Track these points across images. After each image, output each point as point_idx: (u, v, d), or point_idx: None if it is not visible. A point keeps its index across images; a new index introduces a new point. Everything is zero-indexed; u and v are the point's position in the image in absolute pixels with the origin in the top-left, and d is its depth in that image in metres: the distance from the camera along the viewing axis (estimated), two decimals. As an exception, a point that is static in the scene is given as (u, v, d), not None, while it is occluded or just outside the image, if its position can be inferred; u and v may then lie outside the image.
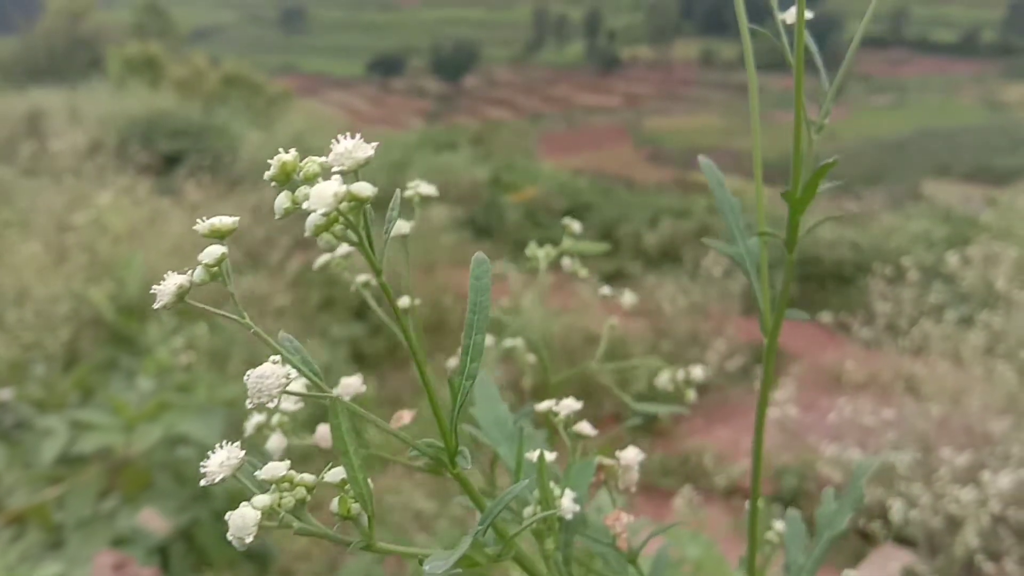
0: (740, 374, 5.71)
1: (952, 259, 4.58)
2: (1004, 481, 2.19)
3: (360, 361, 5.58)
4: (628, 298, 1.26)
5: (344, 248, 0.67)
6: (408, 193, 0.93)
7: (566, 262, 1.23)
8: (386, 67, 44.47)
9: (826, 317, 6.74)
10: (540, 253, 1.24)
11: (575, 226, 1.25)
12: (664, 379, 1.22)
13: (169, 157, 8.34)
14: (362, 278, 0.93)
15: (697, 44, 43.67)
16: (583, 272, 1.20)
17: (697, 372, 1.17)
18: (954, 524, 2.37)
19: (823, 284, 6.99)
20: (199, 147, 8.30)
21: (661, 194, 12.60)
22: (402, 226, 0.61)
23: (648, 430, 5.06)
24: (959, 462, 2.43)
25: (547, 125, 32.81)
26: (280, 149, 0.53)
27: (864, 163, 26.51)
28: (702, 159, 0.83)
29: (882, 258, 6.83)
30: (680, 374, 1.22)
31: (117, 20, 24.69)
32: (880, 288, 6.61)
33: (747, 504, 0.81)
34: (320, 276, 6.25)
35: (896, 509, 2.43)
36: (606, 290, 1.30)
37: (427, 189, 0.93)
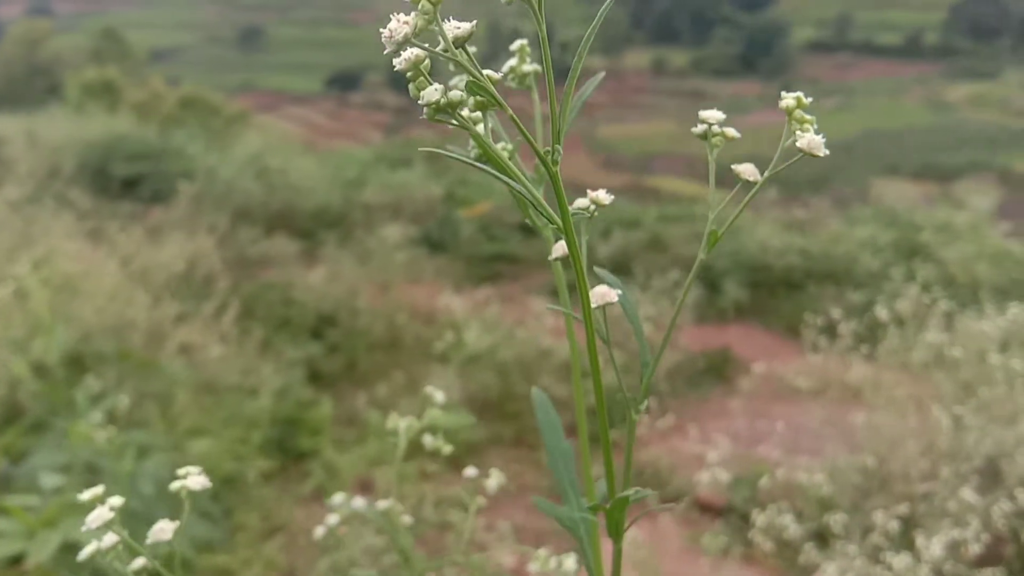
0: (694, 384, 5.82)
1: (881, 312, 4.74)
2: (936, 548, 2.26)
3: (317, 380, 5.60)
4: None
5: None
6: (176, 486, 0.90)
7: (428, 439, 1.10)
8: (344, 82, 44.40)
9: (777, 324, 6.90)
10: (401, 427, 1.10)
11: (438, 396, 1.12)
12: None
13: (127, 181, 8.31)
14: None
15: (648, 53, 44.15)
16: (447, 449, 1.09)
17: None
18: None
19: (773, 291, 7.14)
20: (157, 170, 8.27)
21: (614, 202, 12.71)
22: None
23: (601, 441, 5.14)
24: (891, 526, 2.48)
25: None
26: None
27: (814, 165, 26.88)
28: (535, 392, 0.80)
29: (830, 264, 7.01)
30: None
31: (75, 46, 24.37)
32: (830, 294, 6.78)
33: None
34: (275, 296, 6.27)
35: (829, 573, 2.47)
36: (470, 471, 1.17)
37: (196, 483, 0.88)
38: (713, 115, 0.68)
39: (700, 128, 0.70)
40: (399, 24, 0.55)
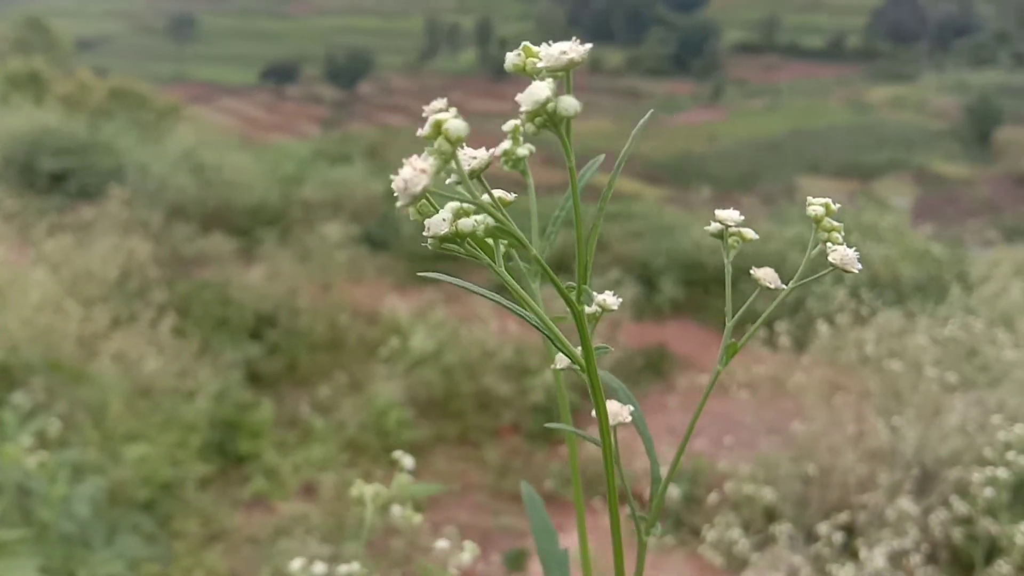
0: (632, 380, 5.91)
1: (812, 310, 4.88)
2: (879, 559, 2.32)
3: (257, 382, 5.51)
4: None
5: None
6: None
7: (396, 509, 1.06)
8: (280, 74, 43.69)
9: (712, 320, 7.05)
10: (367, 493, 1.06)
11: (407, 461, 1.07)
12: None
13: (54, 176, 8.02)
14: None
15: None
16: (417, 519, 1.04)
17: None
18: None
19: (707, 288, 7.29)
20: (85, 165, 8.00)
21: (554, 198, 12.80)
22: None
23: (545, 438, 5.18)
24: (836, 538, 2.54)
25: (439, 131, 32.70)
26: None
27: (742, 163, 27.56)
28: (525, 488, 0.77)
29: (761, 262, 7.18)
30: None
31: (-2, 36, 23.42)
32: (761, 291, 6.95)
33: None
34: (212, 295, 6.14)
35: None
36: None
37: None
38: (730, 215, 0.66)
39: (715, 227, 0.68)
40: (415, 173, 0.48)
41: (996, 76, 37.09)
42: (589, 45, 0.51)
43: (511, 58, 0.55)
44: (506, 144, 0.71)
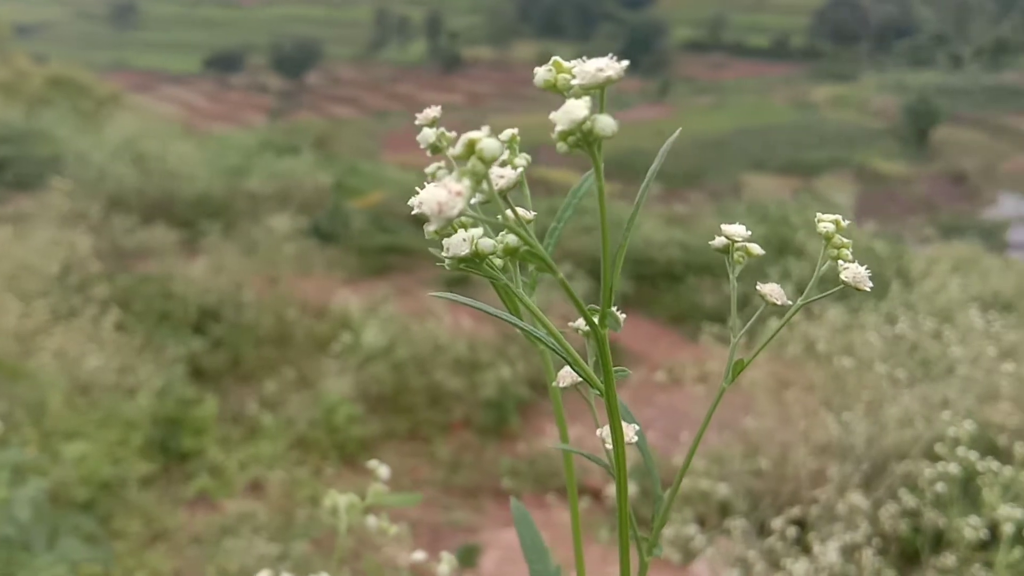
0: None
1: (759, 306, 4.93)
2: (832, 554, 2.35)
3: (200, 378, 5.39)
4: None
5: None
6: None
7: (371, 520, 1.03)
8: (225, 63, 42.94)
9: (660, 314, 7.10)
10: (342, 504, 1.03)
11: (383, 471, 1.05)
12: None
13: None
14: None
15: (535, 46, 44.55)
16: (393, 531, 1.02)
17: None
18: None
19: (656, 283, 7.35)
20: (22, 154, 7.73)
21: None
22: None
23: (496, 433, 5.16)
24: (789, 532, 2.57)
25: (392, 122, 32.61)
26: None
27: (690, 160, 27.88)
28: (514, 504, 0.75)
29: (708, 258, 7.27)
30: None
31: (-70, 20, 22.54)
32: (708, 286, 7.04)
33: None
34: (154, 289, 5.99)
35: None
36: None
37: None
38: (737, 231, 0.65)
39: (720, 242, 0.66)
40: (450, 195, 0.44)
41: (934, 77, 38.11)
42: (625, 63, 0.49)
43: (542, 74, 0.53)
44: (503, 156, 0.68)
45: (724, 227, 0.66)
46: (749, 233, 0.65)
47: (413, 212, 0.60)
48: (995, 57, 40.29)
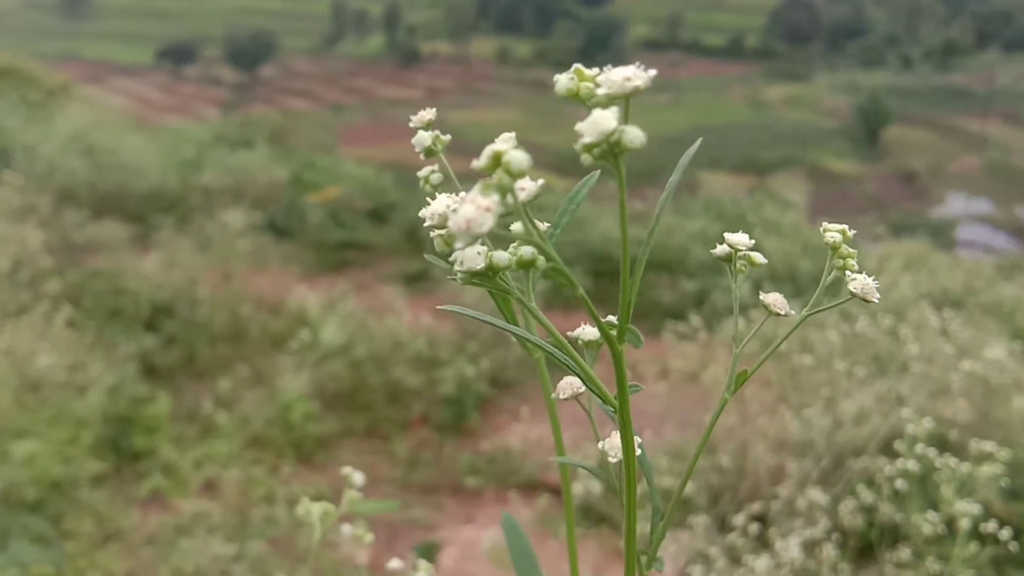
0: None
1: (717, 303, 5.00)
2: (794, 550, 2.38)
3: (153, 375, 5.30)
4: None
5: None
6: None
7: (346, 529, 1.00)
8: (178, 55, 42.24)
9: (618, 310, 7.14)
10: (315, 511, 1.00)
11: (357, 477, 1.03)
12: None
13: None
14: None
15: (494, 42, 44.51)
16: (368, 538, 1.01)
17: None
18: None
19: (614, 280, 7.36)
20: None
21: (465, 188, 12.75)
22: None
23: (456, 430, 5.15)
24: (751, 529, 2.59)
25: (349, 116, 32.33)
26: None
27: (647, 157, 27.98)
28: (505, 517, 0.73)
29: (666, 255, 7.33)
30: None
31: None
32: (666, 283, 7.10)
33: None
34: (105, 285, 5.86)
35: None
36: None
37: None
38: (740, 239, 0.65)
39: (722, 251, 0.66)
40: (480, 211, 0.42)
41: (885, 77, 38.88)
42: (653, 71, 0.47)
43: (563, 81, 0.50)
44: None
45: (727, 236, 0.66)
46: (752, 242, 0.65)
47: (425, 224, 0.59)
48: (944, 59, 41.23)
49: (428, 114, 0.69)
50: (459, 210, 0.42)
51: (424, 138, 0.69)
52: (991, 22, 42.89)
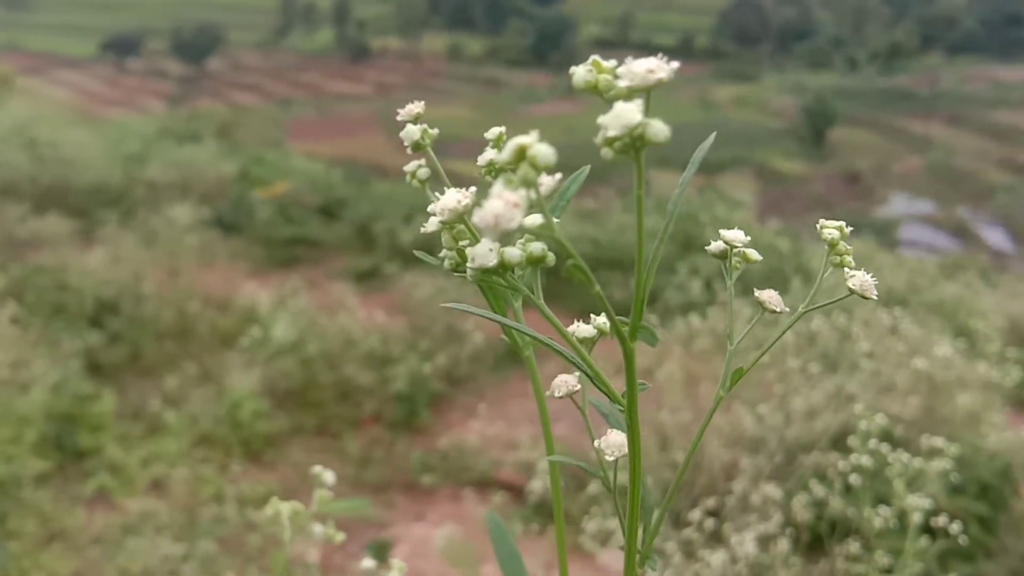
0: (494, 368, 5.94)
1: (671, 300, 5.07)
2: (749, 545, 2.42)
3: (98, 372, 5.19)
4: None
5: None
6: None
7: (318, 528, 0.99)
8: (122, 47, 41.38)
9: (572, 307, 7.20)
10: (284, 511, 0.98)
11: (328, 476, 1.02)
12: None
13: None
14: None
15: (445, 38, 44.37)
16: (339, 538, 0.99)
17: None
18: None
19: (565, 279, 7.42)
20: None
21: (409, 186, 12.70)
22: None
23: (408, 427, 5.13)
24: (707, 524, 2.63)
25: (297, 111, 31.96)
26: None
27: (598, 155, 28.23)
28: (490, 517, 0.72)
29: (618, 253, 7.39)
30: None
31: None
32: (618, 281, 7.15)
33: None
34: (49, 280, 5.72)
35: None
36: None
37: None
38: (736, 236, 0.64)
39: (718, 247, 0.65)
40: (508, 207, 0.41)
41: (831, 79, 39.67)
42: (676, 64, 0.46)
43: (581, 73, 0.49)
44: (490, 153, 0.67)
45: (723, 232, 0.65)
46: (748, 239, 0.64)
47: (433, 219, 0.58)
48: (889, 61, 42.19)
49: (416, 107, 0.68)
50: (486, 205, 0.41)
51: (413, 132, 0.68)
52: (935, 26, 44.03)
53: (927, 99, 36.65)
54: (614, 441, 0.62)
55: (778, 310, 0.64)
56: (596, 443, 0.62)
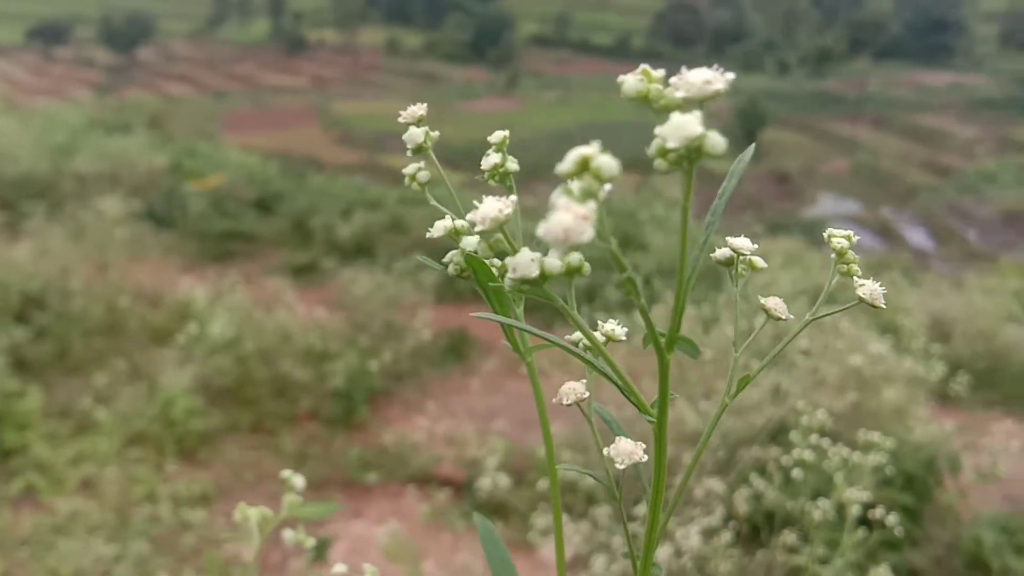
0: (435, 363, 5.93)
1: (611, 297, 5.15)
2: (694, 538, 2.46)
3: (23, 369, 5.02)
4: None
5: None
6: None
7: (288, 534, 0.96)
8: (49, 35, 40.08)
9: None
10: (253, 516, 0.96)
11: (298, 481, 0.99)
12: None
13: None
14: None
15: (382, 32, 43.98)
16: (309, 543, 0.97)
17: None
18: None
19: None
20: None
21: (352, 179, 12.62)
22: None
23: (346, 424, 5.09)
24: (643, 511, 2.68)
25: (231, 103, 31.34)
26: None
27: (538, 152, 28.45)
28: (479, 520, 0.70)
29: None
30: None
31: None
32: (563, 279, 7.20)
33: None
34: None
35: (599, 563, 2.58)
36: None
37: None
38: (743, 243, 0.63)
39: (724, 254, 0.64)
40: (578, 220, 0.40)
41: (763, 81, 40.49)
42: (732, 75, 0.46)
43: (632, 83, 0.48)
44: (495, 158, 0.65)
45: (730, 240, 0.64)
46: (755, 247, 0.63)
47: (440, 224, 0.58)
48: (818, 65, 43.29)
49: (420, 109, 0.66)
50: (554, 219, 0.40)
51: (416, 135, 0.66)
52: (863, 31, 45.33)
53: (854, 102, 37.71)
54: (624, 449, 0.61)
55: (783, 317, 0.64)
56: (605, 451, 0.61)
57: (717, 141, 0.44)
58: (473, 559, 3.66)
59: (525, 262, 0.47)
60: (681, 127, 0.44)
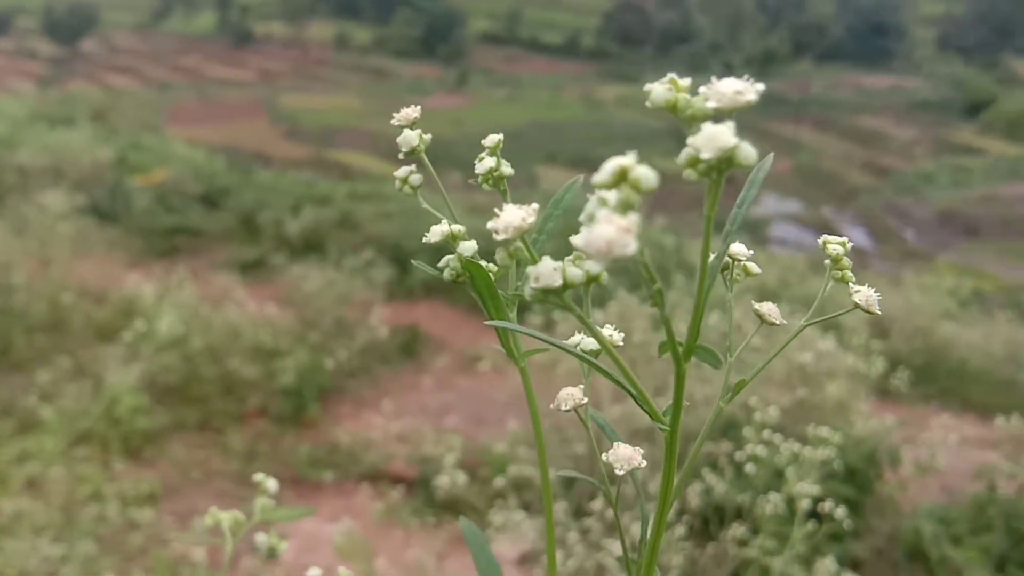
0: (386, 360, 5.92)
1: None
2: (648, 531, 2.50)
3: (-39, 367, 4.90)
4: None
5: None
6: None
7: (261, 538, 0.96)
8: (-11, 26, 38.69)
9: (462, 301, 7.24)
10: (225, 520, 0.96)
11: (271, 484, 0.98)
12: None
13: None
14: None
15: (331, 26, 43.51)
16: (283, 547, 0.96)
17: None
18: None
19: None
20: None
21: (301, 174, 12.48)
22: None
23: (296, 421, 5.06)
24: (608, 514, 2.71)
25: (176, 95, 30.73)
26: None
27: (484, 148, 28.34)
28: (465, 524, 0.69)
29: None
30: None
31: None
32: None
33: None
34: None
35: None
36: None
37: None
38: (739, 250, 0.63)
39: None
40: (620, 232, 0.39)
41: (708, 82, 41.08)
42: (762, 85, 0.46)
43: (660, 92, 0.48)
44: (489, 161, 0.65)
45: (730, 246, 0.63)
46: (751, 252, 0.63)
47: (437, 229, 0.59)
48: (763, 67, 43.98)
49: (414, 112, 0.66)
50: (596, 231, 0.40)
51: (410, 137, 0.65)
52: (806, 33, 46.22)
53: (797, 104, 38.43)
54: (623, 454, 0.61)
55: (777, 323, 0.64)
56: (604, 456, 0.61)
57: (749, 152, 0.44)
58: (425, 556, 3.68)
59: (548, 271, 0.46)
60: (715, 137, 0.44)
